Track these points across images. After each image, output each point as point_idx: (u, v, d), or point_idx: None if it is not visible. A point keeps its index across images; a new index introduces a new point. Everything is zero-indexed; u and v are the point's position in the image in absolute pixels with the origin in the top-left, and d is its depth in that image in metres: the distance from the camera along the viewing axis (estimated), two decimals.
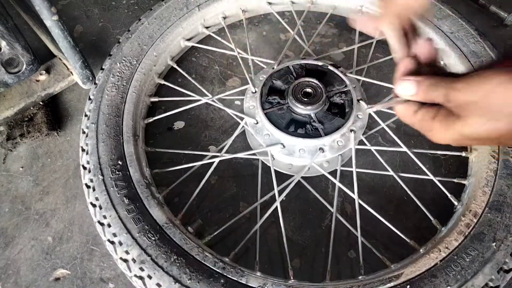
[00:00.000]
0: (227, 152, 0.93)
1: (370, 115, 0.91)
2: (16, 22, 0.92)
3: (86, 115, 0.92)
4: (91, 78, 1.03)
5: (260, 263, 0.79)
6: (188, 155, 1.00)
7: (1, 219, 0.94)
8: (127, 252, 0.73)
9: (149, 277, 0.70)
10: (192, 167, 0.91)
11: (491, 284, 0.71)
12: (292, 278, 0.77)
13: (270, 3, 1.17)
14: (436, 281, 0.71)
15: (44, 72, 1.06)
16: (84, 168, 0.85)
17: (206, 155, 0.94)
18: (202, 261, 0.72)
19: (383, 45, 1.21)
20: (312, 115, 0.86)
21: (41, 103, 1.07)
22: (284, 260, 0.84)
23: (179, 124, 1.07)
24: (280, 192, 0.85)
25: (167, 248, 0.73)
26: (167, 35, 1.04)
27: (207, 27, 1.14)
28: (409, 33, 0.66)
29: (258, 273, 0.74)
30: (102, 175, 0.81)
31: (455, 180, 0.90)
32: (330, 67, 0.93)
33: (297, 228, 0.93)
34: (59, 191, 0.98)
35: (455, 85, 0.49)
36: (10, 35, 0.89)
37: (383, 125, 0.92)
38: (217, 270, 0.71)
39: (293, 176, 0.89)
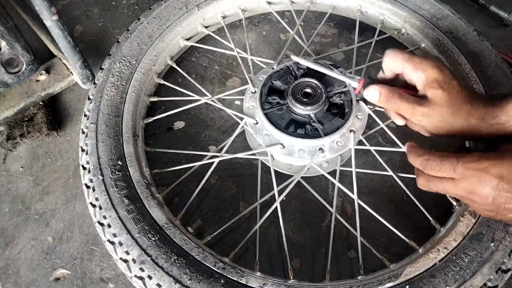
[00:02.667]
0: (227, 152, 0.93)
1: (369, 115, 0.91)
2: (16, 22, 0.92)
3: (85, 115, 0.92)
4: (91, 78, 1.03)
5: (260, 263, 0.80)
6: (188, 155, 1.00)
7: (1, 219, 0.94)
8: (127, 253, 0.73)
9: (149, 277, 0.71)
10: (192, 167, 0.92)
11: (489, 284, 0.71)
12: (292, 278, 0.77)
13: (269, 3, 1.17)
14: (435, 281, 0.71)
15: (44, 72, 1.06)
16: (84, 168, 0.85)
17: (206, 155, 0.94)
18: (202, 261, 0.72)
19: (382, 45, 1.21)
20: (312, 116, 0.86)
21: (41, 103, 1.07)
22: (284, 260, 0.84)
23: (179, 124, 1.07)
24: (280, 192, 0.85)
25: (167, 249, 0.73)
26: (166, 34, 1.04)
27: (206, 27, 1.14)
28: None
29: (258, 273, 0.74)
30: (102, 175, 0.81)
31: None
32: (330, 67, 0.93)
33: (297, 228, 0.93)
34: (59, 191, 0.98)
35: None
36: (10, 35, 0.89)
37: (382, 125, 0.92)
38: (217, 270, 0.71)
39: (292, 176, 0.89)
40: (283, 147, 0.85)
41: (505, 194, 0.58)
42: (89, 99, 0.94)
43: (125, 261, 0.74)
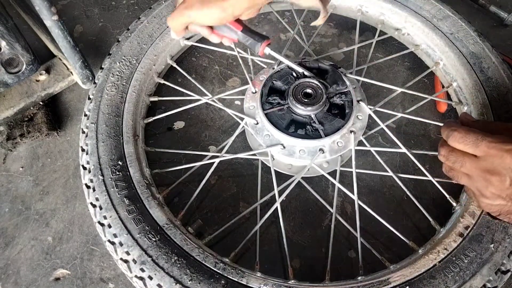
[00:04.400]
0: (227, 152, 0.93)
1: (369, 115, 0.91)
2: (16, 22, 0.92)
3: (85, 115, 0.92)
4: (91, 78, 1.03)
5: (260, 263, 0.80)
6: (188, 155, 1.00)
7: (1, 219, 0.94)
8: (127, 253, 0.73)
9: (150, 278, 0.71)
10: (192, 167, 0.92)
11: (489, 285, 0.72)
12: (292, 278, 0.77)
13: (270, 2, 1.17)
14: (435, 282, 0.71)
15: (44, 72, 1.06)
16: (84, 168, 0.85)
17: (206, 155, 0.94)
18: (203, 262, 0.72)
19: (383, 45, 1.22)
20: (313, 116, 0.86)
21: (41, 103, 1.07)
22: (284, 260, 0.84)
23: (179, 124, 1.07)
24: (280, 193, 0.85)
25: (167, 249, 0.73)
26: (166, 34, 1.04)
27: None
28: None
29: (258, 274, 0.74)
30: (102, 175, 0.81)
31: (454, 181, 0.90)
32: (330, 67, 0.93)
33: (297, 228, 0.93)
34: (59, 191, 0.98)
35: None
36: (10, 35, 0.89)
37: (382, 125, 0.92)
38: (218, 271, 0.72)
39: (293, 176, 0.89)
40: (284, 147, 0.85)
41: None
42: (89, 98, 0.94)
43: (126, 261, 0.74)
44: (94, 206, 0.80)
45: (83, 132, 0.89)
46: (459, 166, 0.65)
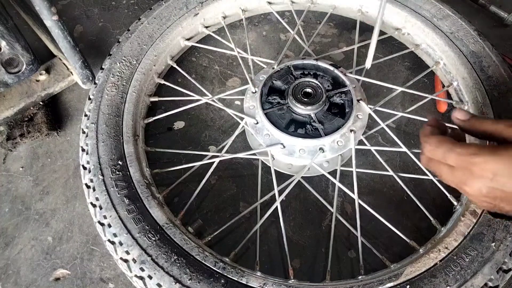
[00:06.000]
0: (227, 152, 0.93)
1: (369, 115, 0.91)
2: (16, 22, 0.92)
3: (86, 115, 0.92)
4: (91, 78, 1.03)
5: (260, 263, 0.80)
6: (188, 155, 1.00)
7: (1, 219, 0.94)
8: (127, 252, 0.73)
9: (150, 277, 0.71)
10: (192, 167, 0.92)
11: (490, 284, 0.71)
12: (292, 278, 0.77)
13: (270, 3, 1.17)
14: (436, 281, 0.71)
15: (44, 72, 1.06)
16: (84, 168, 0.85)
17: (206, 155, 0.94)
18: (203, 261, 0.72)
19: (383, 45, 1.21)
20: (312, 115, 0.86)
21: (41, 103, 1.07)
22: (284, 260, 0.84)
23: (179, 124, 1.07)
24: (280, 192, 0.85)
25: (167, 249, 0.73)
26: (166, 34, 1.04)
27: (207, 27, 1.14)
28: None
29: (258, 273, 0.74)
30: (102, 175, 0.81)
31: None
32: (330, 67, 0.93)
33: (297, 228, 0.93)
34: (59, 191, 0.98)
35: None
36: (10, 35, 0.89)
37: (382, 125, 0.92)
38: (218, 270, 0.71)
39: (293, 176, 0.89)
40: (284, 147, 0.85)
41: (500, 188, 0.55)
42: (89, 99, 0.94)
43: (126, 261, 0.74)
44: (94, 206, 0.80)
45: (83, 132, 0.89)
46: (439, 175, 0.64)
